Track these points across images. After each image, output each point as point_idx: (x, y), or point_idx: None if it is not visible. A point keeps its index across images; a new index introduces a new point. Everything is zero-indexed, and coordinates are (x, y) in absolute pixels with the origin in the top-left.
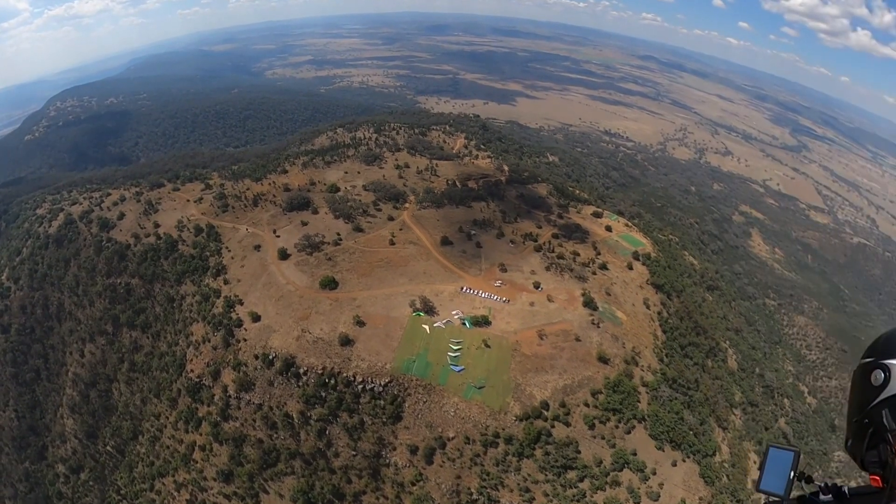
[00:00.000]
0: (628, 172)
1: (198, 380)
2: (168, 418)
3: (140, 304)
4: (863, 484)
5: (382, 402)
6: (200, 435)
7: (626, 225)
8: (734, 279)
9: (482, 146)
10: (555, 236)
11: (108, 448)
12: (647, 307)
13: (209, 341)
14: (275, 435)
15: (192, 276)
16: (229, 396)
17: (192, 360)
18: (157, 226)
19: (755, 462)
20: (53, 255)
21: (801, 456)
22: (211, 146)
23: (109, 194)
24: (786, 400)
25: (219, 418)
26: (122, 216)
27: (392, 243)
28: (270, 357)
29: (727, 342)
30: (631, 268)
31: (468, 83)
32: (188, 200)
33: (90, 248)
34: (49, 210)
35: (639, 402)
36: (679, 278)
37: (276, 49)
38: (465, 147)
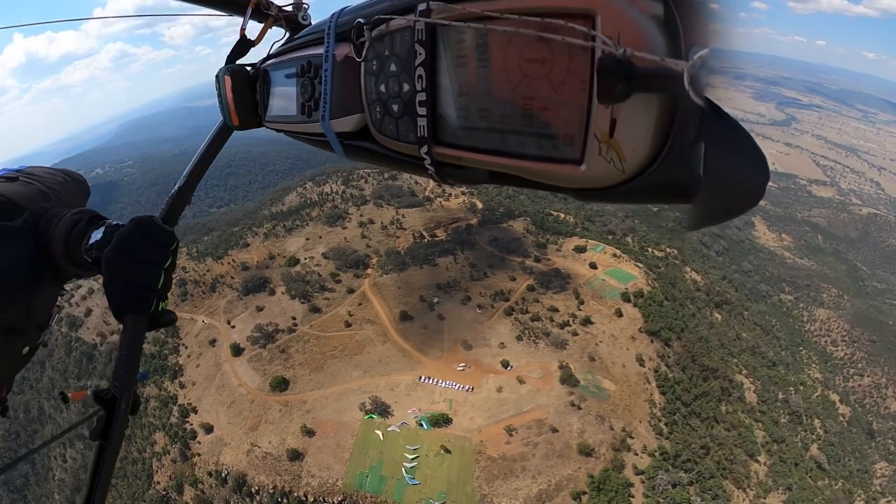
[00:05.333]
0: None
1: (164, 492)
2: None
3: None
4: None
5: None
6: None
7: (615, 255)
8: (745, 280)
9: None
10: (530, 288)
11: None
12: (642, 364)
13: (169, 453)
14: None
15: (153, 378)
16: None
17: (157, 471)
18: None
19: None
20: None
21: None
22: (194, 209)
23: (80, 286)
24: (816, 421)
25: None
26: (88, 312)
27: (348, 325)
28: (223, 475)
29: (743, 372)
30: (620, 314)
31: None
32: None
33: (62, 348)
34: None
35: (632, 497)
36: (680, 311)
37: None
38: (439, 186)
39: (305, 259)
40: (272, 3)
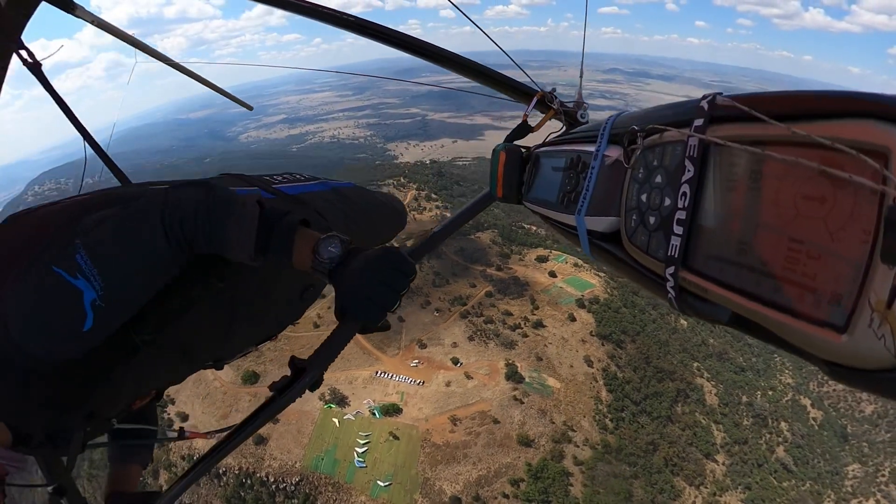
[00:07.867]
0: None
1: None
2: None
3: None
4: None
5: (296, 501)
6: None
7: (576, 265)
8: None
9: (433, 195)
10: (488, 294)
11: None
12: (590, 365)
13: None
14: None
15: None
16: None
17: None
18: None
19: None
20: None
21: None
22: None
23: None
24: (783, 423)
25: None
26: None
27: (316, 326)
28: (194, 458)
29: (705, 375)
30: (573, 319)
31: (437, 123)
32: None
33: None
34: None
35: (571, 486)
36: (639, 316)
37: (250, 111)
38: (416, 199)
39: None
40: (556, 97)
